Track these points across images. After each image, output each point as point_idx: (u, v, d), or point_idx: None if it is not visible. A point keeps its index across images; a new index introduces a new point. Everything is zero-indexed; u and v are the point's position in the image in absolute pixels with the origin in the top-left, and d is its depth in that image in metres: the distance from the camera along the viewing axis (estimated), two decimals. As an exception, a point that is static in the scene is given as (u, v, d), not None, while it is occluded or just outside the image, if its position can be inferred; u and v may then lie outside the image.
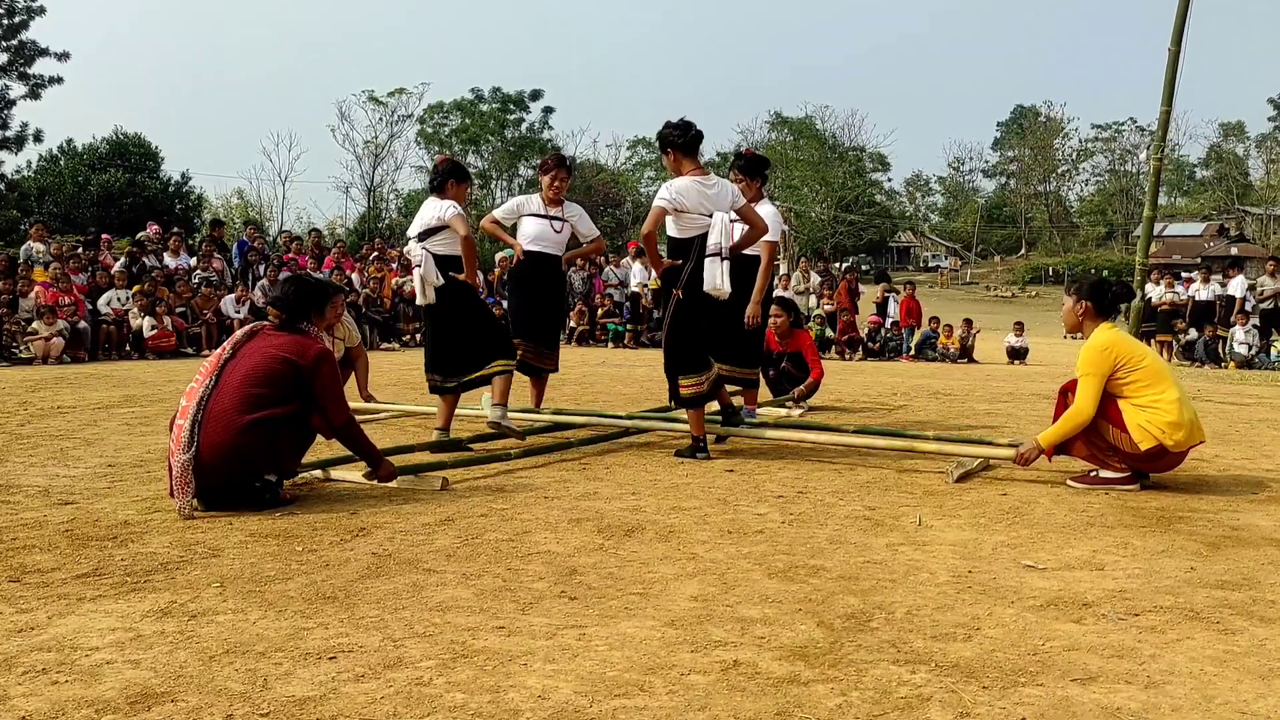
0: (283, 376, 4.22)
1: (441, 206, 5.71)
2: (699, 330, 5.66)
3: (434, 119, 57.48)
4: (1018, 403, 9.33)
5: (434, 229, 5.70)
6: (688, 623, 2.77)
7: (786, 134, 69.62)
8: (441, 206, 5.71)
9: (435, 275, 5.67)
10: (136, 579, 3.14)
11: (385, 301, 18.00)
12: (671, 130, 5.60)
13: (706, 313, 5.64)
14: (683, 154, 5.59)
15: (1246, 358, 17.65)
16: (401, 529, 3.84)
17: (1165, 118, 11.57)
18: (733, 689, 2.31)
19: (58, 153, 39.63)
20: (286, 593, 3.01)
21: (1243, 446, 6.45)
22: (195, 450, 4.02)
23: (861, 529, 3.96)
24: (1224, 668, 2.48)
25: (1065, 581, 3.23)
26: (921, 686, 2.34)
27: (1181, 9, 10.91)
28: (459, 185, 5.87)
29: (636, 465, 5.42)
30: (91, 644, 2.56)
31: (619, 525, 3.94)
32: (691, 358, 5.64)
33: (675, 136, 5.58)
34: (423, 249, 5.69)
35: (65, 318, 13.34)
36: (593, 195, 53.03)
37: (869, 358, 18.07)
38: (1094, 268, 55.38)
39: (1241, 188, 74.39)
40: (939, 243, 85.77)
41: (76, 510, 4.10)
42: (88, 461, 5.31)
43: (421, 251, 5.69)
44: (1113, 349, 4.78)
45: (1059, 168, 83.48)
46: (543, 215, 6.67)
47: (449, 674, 2.37)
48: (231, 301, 15.64)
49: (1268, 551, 3.65)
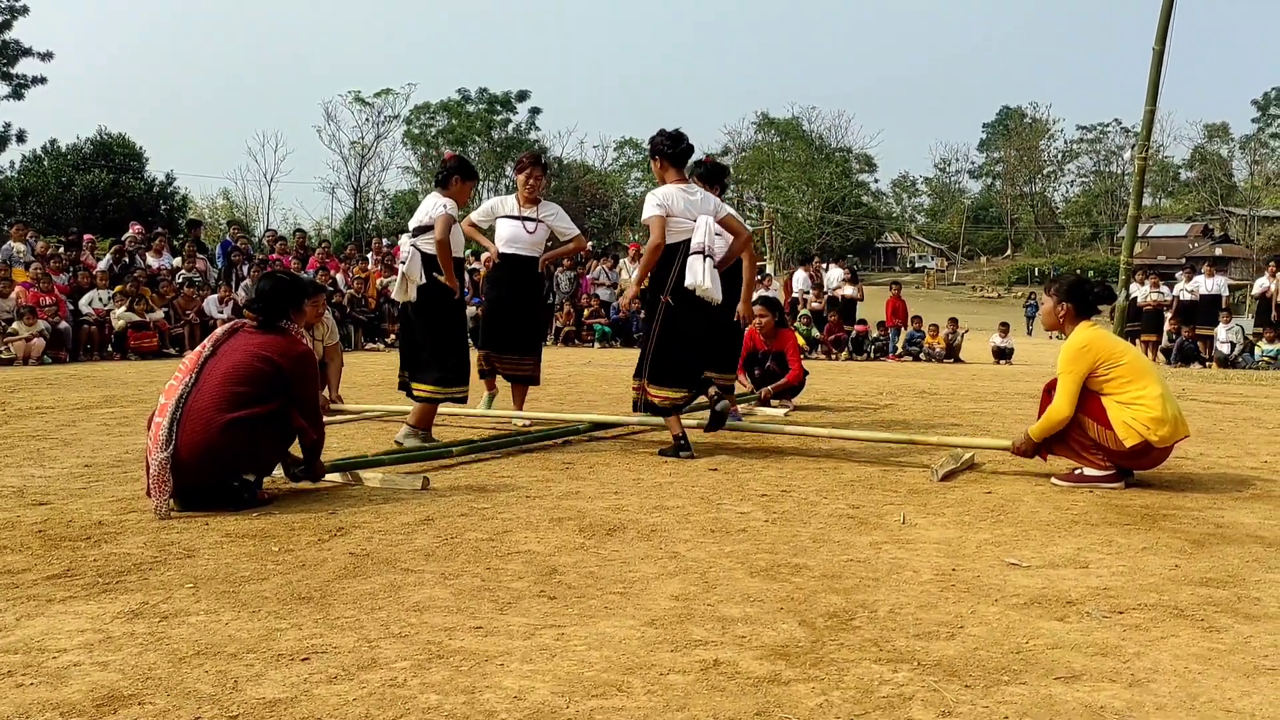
0: (264, 375, 4.17)
1: (435, 204, 5.63)
2: (685, 339, 5.54)
3: (420, 120, 57.41)
4: (1003, 402, 9.34)
5: (426, 226, 5.63)
6: (668, 622, 2.74)
7: (773, 135, 69.75)
8: (435, 204, 5.63)
9: (419, 274, 5.59)
10: (108, 580, 3.08)
11: (370, 301, 17.93)
12: (664, 140, 5.64)
13: (695, 319, 5.53)
14: (670, 164, 5.63)
15: (1229, 357, 17.73)
16: (380, 529, 3.79)
17: (1150, 117, 11.62)
18: (712, 689, 2.27)
19: (41, 153, 39.32)
20: (261, 593, 2.96)
21: (1227, 444, 6.45)
22: (174, 448, 3.96)
23: (845, 527, 3.94)
24: (1208, 665, 2.45)
25: (1049, 579, 3.21)
26: (903, 685, 2.30)
27: (1166, 9, 10.95)
28: (464, 183, 5.80)
29: (620, 464, 5.39)
30: (60, 646, 2.51)
31: (601, 524, 3.90)
32: (670, 369, 5.52)
33: (666, 146, 5.62)
34: (411, 245, 5.62)
35: (46, 318, 13.22)
36: (580, 196, 53.03)
37: (853, 356, 18.08)
38: (1079, 268, 55.64)
39: (1225, 189, 74.91)
40: (925, 243, 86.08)
41: (50, 511, 4.04)
42: (64, 462, 5.24)
43: (410, 248, 5.63)
44: (1091, 347, 4.76)
45: (1045, 169, 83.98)
46: (517, 217, 6.56)
47: (424, 675, 2.33)
48: (214, 302, 15.55)
49: (1252, 549, 3.64)
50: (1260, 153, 76.14)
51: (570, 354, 16.11)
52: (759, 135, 70.29)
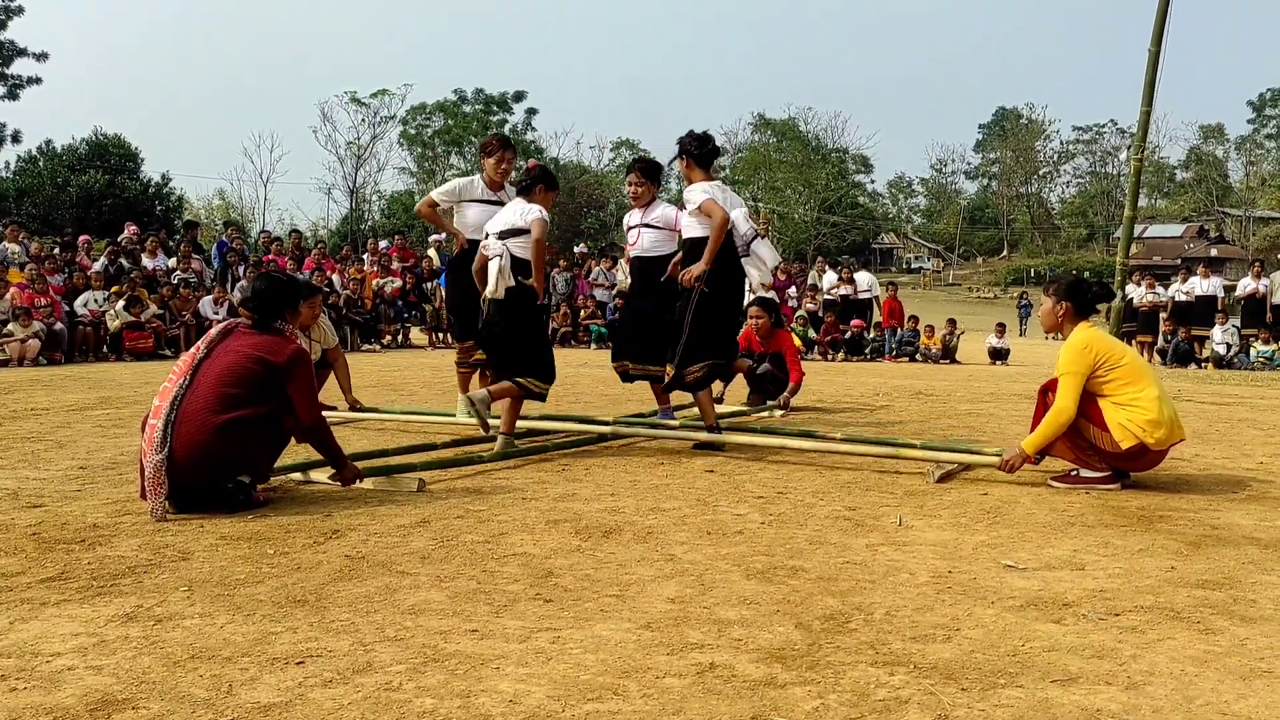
0: (258, 376, 4.16)
1: (528, 209, 5.74)
2: (716, 321, 5.94)
3: (417, 120, 57.34)
4: (999, 403, 9.34)
5: (519, 230, 5.70)
6: (664, 625, 2.73)
7: (770, 135, 69.75)
8: (528, 209, 5.74)
9: (510, 275, 5.64)
10: (103, 583, 3.07)
11: (366, 303, 17.90)
12: (691, 141, 6.01)
13: (725, 305, 5.95)
14: (697, 164, 5.98)
15: (1225, 357, 17.76)
16: (376, 531, 3.78)
17: (1145, 118, 11.65)
18: (708, 692, 2.27)
19: (37, 154, 39.24)
20: (256, 596, 2.95)
21: (1223, 445, 6.46)
22: (169, 450, 3.95)
23: (841, 529, 3.93)
24: (1205, 668, 2.45)
25: (1045, 581, 3.21)
26: (900, 688, 2.30)
27: (1161, 11, 10.96)
28: (547, 192, 5.90)
29: (616, 466, 5.38)
30: (54, 650, 2.50)
31: (597, 526, 3.90)
32: (703, 348, 5.91)
33: (694, 147, 5.99)
34: (503, 245, 5.68)
35: (41, 319, 13.20)
36: (576, 197, 52.98)
37: (850, 356, 18.08)
38: (1075, 269, 55.69)
39: (1221, 189, 75.05)
40: (922, 244, 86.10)
41: (45, 513, 4.03)
42: (59, 464, 5.23)
43: (501, 246, 5.67)
44: (1092, 347, 4.76)
45: (1040, 169, 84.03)
46: (487, 201, 6.45)
47: (419, 679, 2.33)
48: (210, 303, 15.52)
49: (1248, 550, 3.64)
50: (1255, 154, 76.30)
51: (566, 355, 16.09)
52: (755, 136, 70.27)
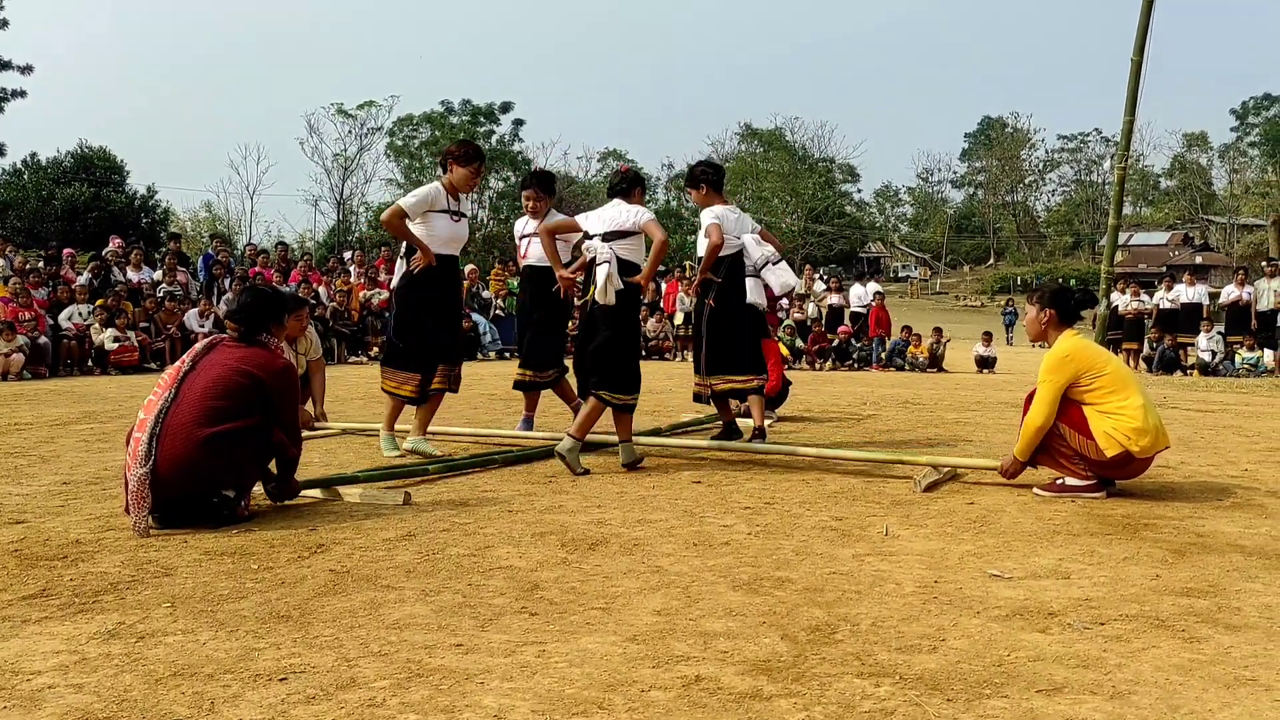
0: (244, 389, 4.14)
1: (634, 210, 5.79)
2: (728, 335, 6.34)
3: (403, 132, 57.22)
4: (986, 411, 9.36)
5: (626, 232, 5.71)
6: (650, 638, 2.72)
7: (757, 145, 69.89)
8: (634, 210, 5.79)
9: (619, 279, 5.63)
10: (85, 600, 3.05)
11: (353, 314, 17.86)
12: (706, 169, 6.45)
13: (735, 320, 6.31)
14: (712, 189, 6.40)
15: (1210, 364, 17.84)
16: (361, 545, 3.76)
17: (1129, 127, 11.70)
18: (694, 705, 2.26)
19: (21, 167, 39.01)
20: (239, 612, 2.93)
21: (1208, 453, 6.48)
22: (153, 464, 3.93)
23: (828, 540, 3.93)
24: (1189, 676, 2.46)
25: (1031, 591, 3.21)
26: (885, 700, 2.30)
27: (1143, 19, 11.04)
28: (641, 193, 6.11)
29: (603, 478, 5.37)
30: (34, 668, 2.48)
31: (583, 539, 3.89)
32: (727, 359, 6.31)
33: (711, 175, 6.42)
34: (609, 249, 5.64)
35: (25, 333, 13.12)
36: (564, 208, 52.94)
37: (839, 364, 18.11)
38: (1061, 277, 55.95)
39: (1205, 197, 75.51)
40: (909, 253, 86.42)
41: (27, 529, 4.00)
42: (42, 479, 5.19)
43: (609, 250, 5.63)
44: (1074, 357, 4.78)
45: (1026, 178, 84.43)
46: (451, 211, 6.00)
47: (403, 694, 2.31)
48: (195, 316, 15.46)
49: (1233, 558, 3.65)
50: (1239, 161, 76.73)
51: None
52: (742, 146, 70.38)
